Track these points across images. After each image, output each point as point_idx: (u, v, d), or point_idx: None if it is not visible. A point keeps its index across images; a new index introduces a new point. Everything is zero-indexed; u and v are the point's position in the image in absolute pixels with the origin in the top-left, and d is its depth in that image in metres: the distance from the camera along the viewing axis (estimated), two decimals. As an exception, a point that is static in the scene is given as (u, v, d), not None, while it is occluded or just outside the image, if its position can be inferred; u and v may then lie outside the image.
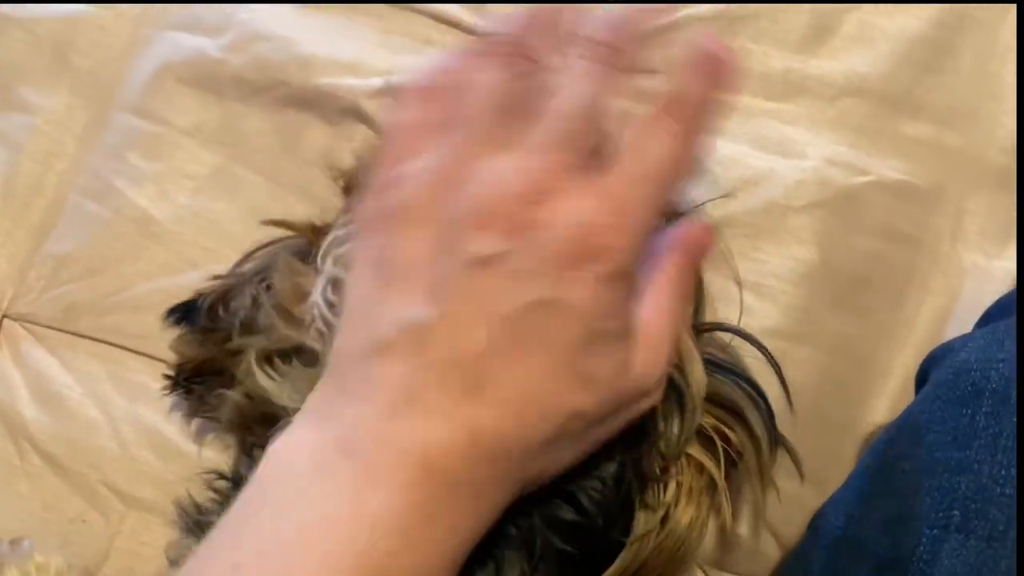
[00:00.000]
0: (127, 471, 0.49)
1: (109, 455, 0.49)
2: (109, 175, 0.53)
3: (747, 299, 0.46)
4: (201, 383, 0.46)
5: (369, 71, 0.51)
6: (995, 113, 0.48)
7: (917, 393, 0.42)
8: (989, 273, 0.47)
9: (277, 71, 0.52)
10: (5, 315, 0.52)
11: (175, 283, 0.50)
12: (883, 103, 0.48)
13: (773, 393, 0.42)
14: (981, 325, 0.44)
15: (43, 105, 0.54)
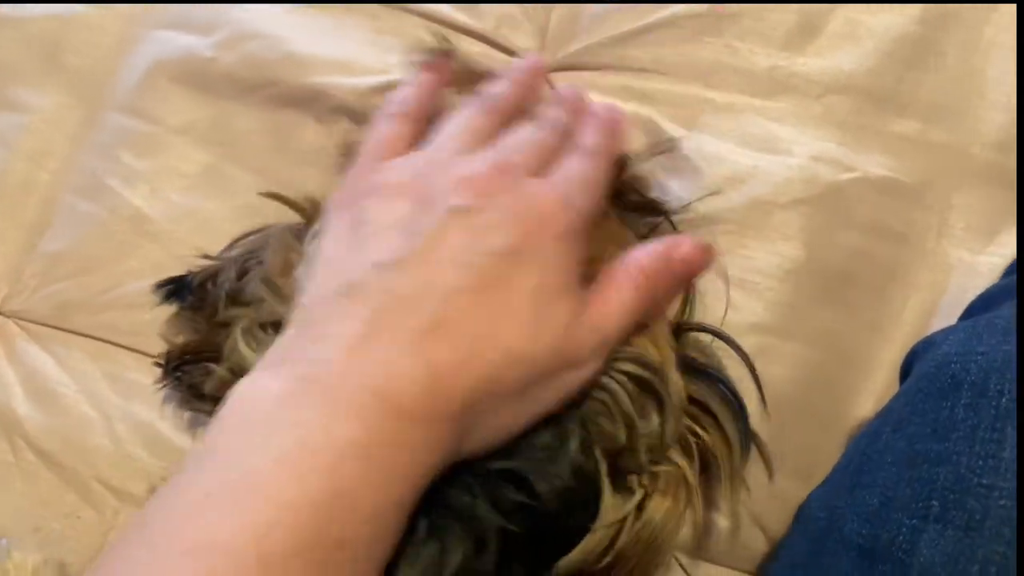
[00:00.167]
0: (121, 467, 0.49)
1: (103, 452, 0.49)
2: (101, 174, 0.53)
3: (733, 295, 0.46)
4: (189, 371, 0.46)
5: (361, 70, 0.51)
6: (980, 109, 0.48)
7: (901, 386, 0.42)
8: (974, 268, 0.47)
9: (269, 70, 0.52)
10: (-1, 312, 0.53)
11: (168, 281, 0.50)
12: (869, 100, 0.48)
13: (764, 390, 0.43)
14: (964, 319, 0.44)
15: (35, 104, 0.55)
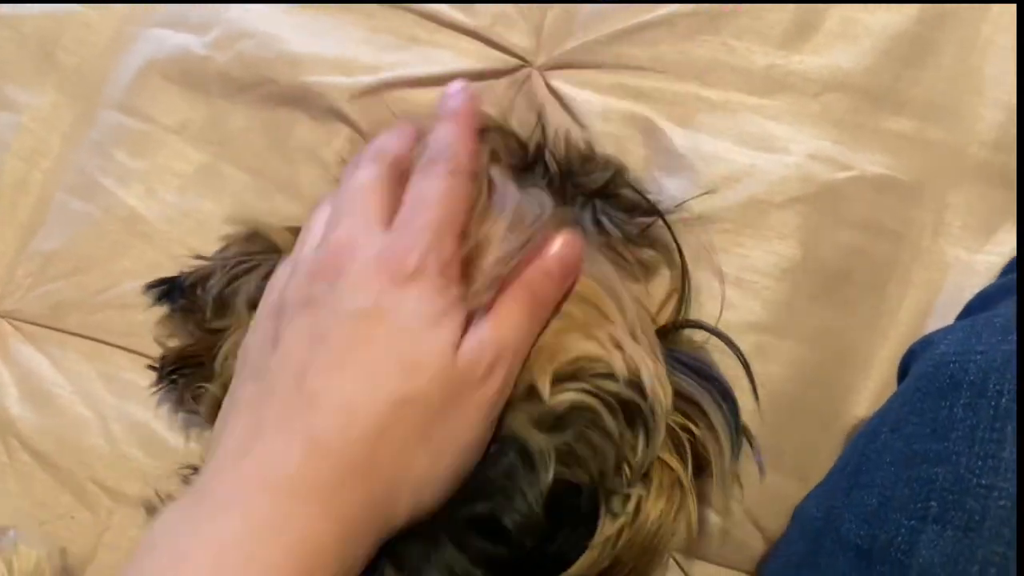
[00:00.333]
0: (116, 468, 0.49)
1: (98, 452, 0.49)
2: (95, 173, 0.53)
3: (729, 294, 0.46)
4: (184, 376, 0.46)
5: (356, 69, 0.51)
6: (976, 108, 0.48)
7: (899, 386, 0.42)
8: (971, 267, 0.47)
9: (263, 68, 0.52)
10: (-7, 312, 0.52)
11: (162, 280, 0.50)
12: (865, 98, 0.48)
13: (761, 389, 0.43)
14: (962, 318, 0.44)
15: (29, 103, 0.54)
